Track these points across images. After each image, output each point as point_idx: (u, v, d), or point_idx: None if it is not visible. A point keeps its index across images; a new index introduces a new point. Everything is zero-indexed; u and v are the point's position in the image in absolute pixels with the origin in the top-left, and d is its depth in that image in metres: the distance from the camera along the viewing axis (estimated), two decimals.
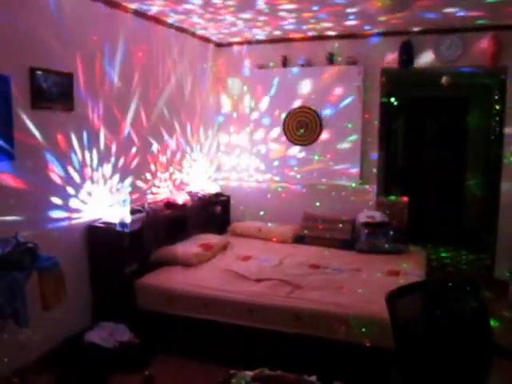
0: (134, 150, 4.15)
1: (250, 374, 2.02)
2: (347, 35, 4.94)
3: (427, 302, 2.26)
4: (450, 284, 2.35)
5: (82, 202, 3.56)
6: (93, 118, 3.62)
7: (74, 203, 3.48)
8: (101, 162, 3.74)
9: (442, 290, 2.33)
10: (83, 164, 3.55)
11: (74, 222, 3.49)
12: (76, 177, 3.49)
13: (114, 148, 3.89)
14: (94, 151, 3.66)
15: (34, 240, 2.89)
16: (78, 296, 3.52)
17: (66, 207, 3.41)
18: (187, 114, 4.99)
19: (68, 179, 3.41)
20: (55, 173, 3.30)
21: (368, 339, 3.01)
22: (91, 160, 3.63)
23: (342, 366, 3.03)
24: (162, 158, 4.58)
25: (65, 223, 3.40)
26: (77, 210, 3.51)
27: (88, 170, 3.61)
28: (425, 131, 7.19)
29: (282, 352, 3.17)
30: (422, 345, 2.13)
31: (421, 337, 2.16)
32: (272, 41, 5.21)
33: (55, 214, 3.32)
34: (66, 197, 3.40)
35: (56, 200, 3.32)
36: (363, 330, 3.03)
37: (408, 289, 2.24)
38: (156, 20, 4.28)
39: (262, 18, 4.25)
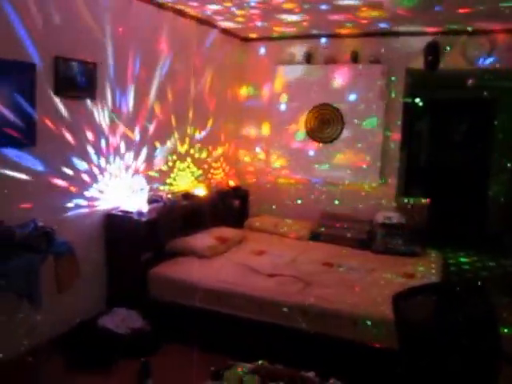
0: (155, 140, 4.19)
1: (248, 365, 2.03)
2: (372, 33, 4.87)
3: (436, 305, 2.23)
4: (458, 288, 2.31)
5: (101, 189, 3.63)
6: (115, 107, 3.67)
7: (92, 191, 3.55)
8: (122, 151, 3.80)
9: (450, 294, 2.29)
10: (103, 153, 3.61)
11: (92, 209, 3.56)
12: (96, 165, 3.55)
13: (136, 138, 3.95)
14: (116, 140, 3.72)
15: (53, 226, 2.98)
16: (94, 282, 3.61)
17: (85, 195, 3.48)
18: (210, 107, 5.01)
19: (88, 167, 3.48)
20: (75, 161, 3.37)
21: (376, 340, 2.99)
22: (112, 149, 3.69)
23: (346, 365, 3.02)
24: (181, 149, 4.61)
25: (84, 210, 3.48)
26: (95, 198, 3.58)
27: (108, 159, 3.67)
28: (450, 133, 7.05)
29: (290, 347, 3.18)
30: (427, 348, 2.11)
31: (427, 339, 2.13)
32: (296, 37, 5.18)
33: (75, 200, 3.40)
34: (85, 184, 3.47)
35: (75, 187, 3.39)
36: (372, 330, 3.01)
37: (416, 291, 2.21)
38: (180, 12, 4.30)
39: (285, 15, 4.23)
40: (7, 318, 2.87)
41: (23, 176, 2.98)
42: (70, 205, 3.36)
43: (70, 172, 3.33)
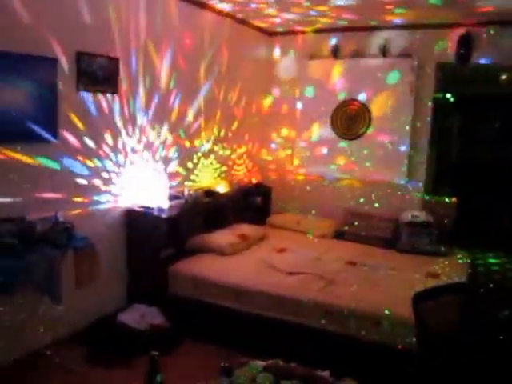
0: (176, 136, 4.18)
1: (261, 363, 1.99)
2: (401, 26, 4.72)
3: (459, 305, 2.16)
4: (481, 289, 2.22)
5: (122, 185, 3.64)
6: (137, 102, 3.67)
7: (114, 186, 3.57)
8: (144, 147, 3.81)
9: (472, 294, 2.21)
10: (125, 148, 3.62)
11: (113, 204, 3.58)
12: (118, 160, 3.57)
13: (161, 135, 3.95)
14: (138, 136, 3.73)
15: (75, 221, 3.01)
16: (114, 278, 3.63)
17: (106, 190, 3.50)
18: (236, 103, 4.98)
19: (109, 162, 3.50)
20: (97, 155, 3.39)
21: (398, 342, 2.89)
22: (134, 144, 3.70)
23: (366, 366, 2.94)
24: (205, 147, 4.59)
25: (105, 205, 3.50)
26: (116, 194, 3.60)
27: (130, 154, 3.68)
28: (482, 129, 6.79)
29: (308, 346, 3.11)
30: (447, 348, 2.03)
31: (447, 340, 2.06)
32: (324, 30, 5.08)
33: (96, 195, 3.42)
34: (106, 180, 3.49)
35: (97, 182, 3.41)
36: (395, 331, 2.92)
37: (435, 291, 2.13)
38: (207, 7, 4.26)
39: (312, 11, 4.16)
40: (28, 312, 2.91)
41: (44, 170, 3.01)
42: (91, 200, 3.38)
43: (91, 167, 3.35)
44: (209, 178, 4.69)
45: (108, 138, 3.46)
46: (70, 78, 3.11)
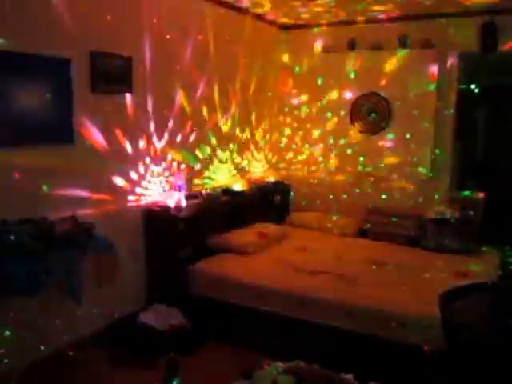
0: (193, 137, 4.15)
1: (282, 365, 1.95)
2: (421, 15, 4.56)
3: (488, 305, 2.06)
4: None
5: (141, 184, 3.62)
6: (151, 101, 3.63)
7: (132, 186, 3.54)
8: (161, 147, 3.78)
9: (502, 293, 2.12)
10: (142, 147, 3.60)
11: (132, 204, 3.55)
12: (134, 160, 3.54)
13: (178, 137, 3.93)
14: (155, 136, 3.70)
15: (93, 221, 3.00)
16: (134, 278, 3.60)
17: (124, 189, 3.48)
18: (253, 100, 4.92)
19: (126, 162, 3.47)
20: (114, 155, 3.36)
21: (425, 343, 2.79)
22: (151, 144, 3.68)
23: (391, 368, 2.85)
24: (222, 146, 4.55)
25: (122, 206, 3.47)
26: (135, 193, 3.57)
27: (147, 154, 3.65)
28: (509, 122, 6.56)
29: (330, 347, 3.04)
30: (476, 349, 1.95)
31: (477, 341, 1.97)
32: (340, 23, 4.97)
33: (114, 195, 3.40)
34: (124, 179, 3.47)
35: (115, 182, 3.39)
36: (421, 332, 2.82)
37: (463, 290, 2.05)
38: (218, 1, 4.20)
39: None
40: (50, 313, 2.91)
41: (61, 171, 2.99)
42: (110, 199, 3.35)
43: (108, 166, 3.32)
44: (226, 175, 4.64)
45: (126, 137, 3.43)
46: (84, 78, 3.07)
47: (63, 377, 2.86)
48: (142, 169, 3.62)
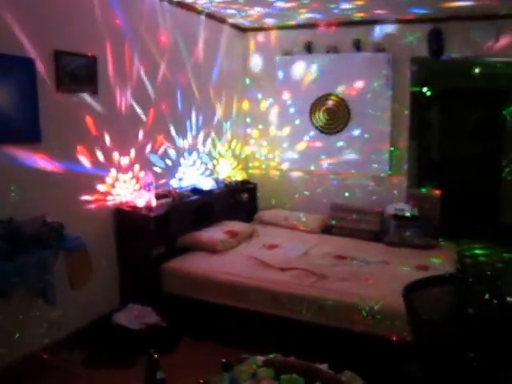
0: (159, 135, 4.13)
1: (261, 358, 2.00)
2: (375, 21, 4.74)
3: (450, 296, 2.21)
4: (470, 279, 2.30)
5: (109, 185, 3.57)
6: (118, 101, 3.60)
7: (101, 186, 3.50)
8: (128, 147, 3.75)
9: (463, 284, 2.28)
10: (110, 147, 3.55)
11: (101, 204, 3.50)
12: (103, 160, 3.49)
13: (140, 133, 3.88)
14: (121, 135, 3.66)
15: (63, 221, 2.94)
16: (106, 278, 3.56)
17: (93, 190, 3.43)
18: (215, 100, 4.95)
19: (95, 162, 3.42)
20: (82, 156, 3.31)
21: (391, 333, 2.93)
22: (118, 144, 3.63)
23: (359, 359, 2.96)
24: (185, 144, 4.53)
25: (92, 206, 3.42)
26: (104, 193, 3.53)
27: (115, 154, 3.61)
28: (461, 123, 6.94)
29: (302, 341, 3.13)
30: (442, 337, 2.08)
31: (442, 329, 2.11)
32: (297, 26, 5.06)
33: (83, 196, 3.35)
34: (93, 180, 3.42)
35: (83, 182, 3.34)
36: (387, 323, 2.96)
37: (425, 282, 2.19)
38: (180, 4, 4.19)
39: (288, 4, 4.14)
40: (23, 316, 2.85)
41: (29, 172, 2.93)
42: (79, 200, 3.31)
43: (76, 167, 3.27)
44: (194, 175, 4.65)
45: (93, 137, 3.38)
46: (48, 78, 3.01)
47: (40, 380, 2.81)
48: (111, 169, 3.57)
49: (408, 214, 4.50)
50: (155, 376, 2.06)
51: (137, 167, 3.86)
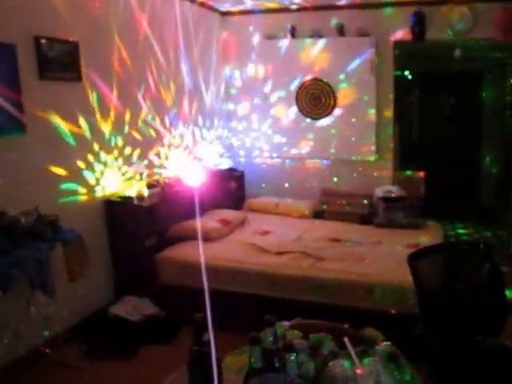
0: (143, 122, 4.03)
1: (286, 323, 2.03)
2: (358, 5, 4.76)
3: (445, 264, 2.29)
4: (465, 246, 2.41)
5: (97, 176, 3.49)
6: (102, 87, 3.51)
7: (89, 177, 3.41)
8: (113, 134, 3.65)
9: (458, 252, 2.39)
10: (96, 136, 3.45)
11: (90, 196, 3.43)
12: (90, 149, 3.40)
13: (126, 118, 3.80)
14: (106, 122, 3.57)
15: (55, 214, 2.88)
16: (100, 271, 3.52)
17: (81, 181, 3.34)
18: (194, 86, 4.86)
19: (81, 152, 3.33)
20: (68, 145, 3.22)
21: (391, 306, 3.02)
22: (104, 132, 3.54)
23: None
24: (174, 132, 4.48)
25: (81, 197, 3.35)
26: (93, 184, 3.45)
27: (101, 142, 3.51)
28: (439, 106, 7.08)
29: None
30: (441, 302, 2.16)
31: (440, 295, 2.19)
32: (280, 10, 5.04)
33: (71, 187, 3.26)
34: (80, 170, 3.33)
35: (70, 173, 3.24)
36: (387, 297, 3.04)
37: (428, 250, 2.27)
38: None
39: None
40: (23, 310, 2.78)
41: (16, 164, 2.84)
42: (67, 191, 3.22)
43: (61, 158, 3.17)
44: (180, 164, 4.58)
45: (77, 125, 3.28)
46: (31, 65, 2.91)
47: (42, 375, 2.76)
48: (99, 159, 3.49)
49: (396, 196, 4.58)
50: (202, 338, 2.04)
51: (125, 155, 3.78)
